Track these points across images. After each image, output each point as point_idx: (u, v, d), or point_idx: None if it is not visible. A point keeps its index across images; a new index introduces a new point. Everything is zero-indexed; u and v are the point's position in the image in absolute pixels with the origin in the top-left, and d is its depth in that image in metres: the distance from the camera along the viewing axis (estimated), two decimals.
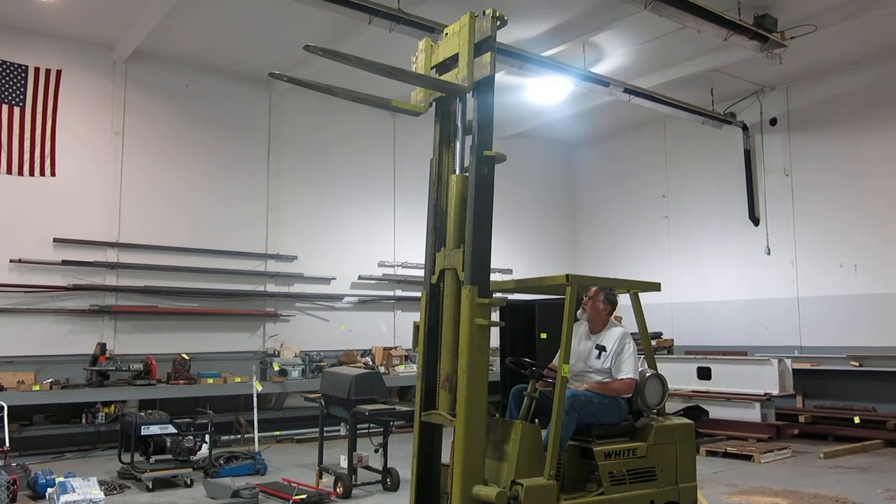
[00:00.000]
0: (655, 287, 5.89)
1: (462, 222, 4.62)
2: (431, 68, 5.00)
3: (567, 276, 5.08)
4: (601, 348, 5.44)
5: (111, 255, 10.43)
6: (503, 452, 4.71)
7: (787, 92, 12.50)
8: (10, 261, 9.63)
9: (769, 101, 12.72)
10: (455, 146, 4.88)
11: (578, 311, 5.55)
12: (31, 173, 9.95)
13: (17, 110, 9.90)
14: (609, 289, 5.61)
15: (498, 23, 4.60)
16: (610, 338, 5.48)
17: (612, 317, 5.74)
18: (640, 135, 14.76)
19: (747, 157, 12.90)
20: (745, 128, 12.92)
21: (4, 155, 9.77)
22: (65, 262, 9.98)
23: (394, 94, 5.25)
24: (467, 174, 4.65)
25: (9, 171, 9.79)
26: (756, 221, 12.80)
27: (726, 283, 13.14)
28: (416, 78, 4.94)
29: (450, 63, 4.87)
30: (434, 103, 4.99)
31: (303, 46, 4.16)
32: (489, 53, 4.57)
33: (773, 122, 12.69)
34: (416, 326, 4.91)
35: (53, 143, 10.12)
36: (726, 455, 9.18)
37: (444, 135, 4.97)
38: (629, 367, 5.34)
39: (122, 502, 6.81)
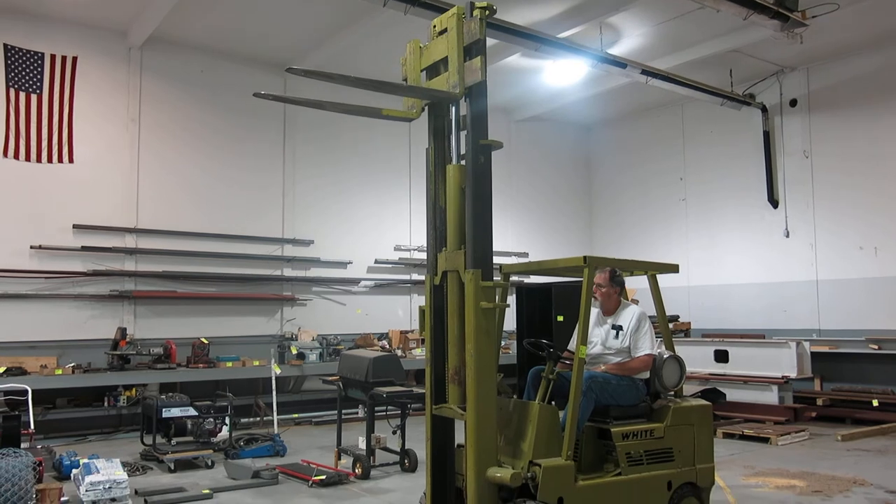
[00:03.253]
0: (673, 269, 5.87)
1: (461, 218, 4.56)
2: (421, 71, 4.89)
3: (584, 257, 5.06)
4: (618, 328, 5.45)
5: (130, 241, 10.52)
6: (521, 434, 4.73)
7: (808, 72, 12.30)
8: (31, 247, 9.74)
9: (789, 82, 12.53)
10: (450, 138, 4.79)
11: None
12: (50, 160, 10.04)
13: (34, 97, 9.97)
14: (613, 270, 5.58)
15: (486, 12, 4.48)
16: (626, 317, 5.48)
17: (629, 298, 5.73)
18: (658, 117, 14.62)
19: (766, 139, 12.74)
20: (764, 109, 12.76)
21: (23, 142, 9.86)
22: (84, 248, 10.09)
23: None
24: (464, 163, 4.57)
25: (27, 158, 9.88)
26: (775, 204, 12.66)
27: (744, 265, 13.05)
28: (406, 90, 4.86)
29: (440, 66, 4.72)
30: (426, 107, 4.88)
31: (285, 69, 4.14)
32: (479, 58, 4.47)
33: (793, 103, 12.50)
34: (422, 311, 4.85)
35: (71, 129, 10.18)
36: (743, 437, 9.18)
37: (439, 132, 4.87)
38: (646, 344, 5.34)
39: (144, 483, 6.91)
